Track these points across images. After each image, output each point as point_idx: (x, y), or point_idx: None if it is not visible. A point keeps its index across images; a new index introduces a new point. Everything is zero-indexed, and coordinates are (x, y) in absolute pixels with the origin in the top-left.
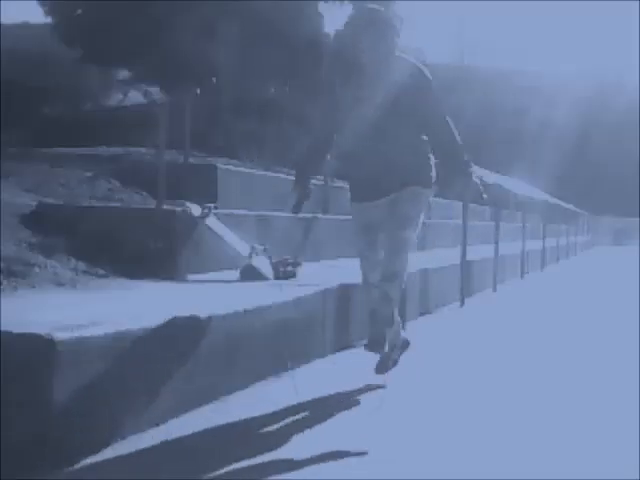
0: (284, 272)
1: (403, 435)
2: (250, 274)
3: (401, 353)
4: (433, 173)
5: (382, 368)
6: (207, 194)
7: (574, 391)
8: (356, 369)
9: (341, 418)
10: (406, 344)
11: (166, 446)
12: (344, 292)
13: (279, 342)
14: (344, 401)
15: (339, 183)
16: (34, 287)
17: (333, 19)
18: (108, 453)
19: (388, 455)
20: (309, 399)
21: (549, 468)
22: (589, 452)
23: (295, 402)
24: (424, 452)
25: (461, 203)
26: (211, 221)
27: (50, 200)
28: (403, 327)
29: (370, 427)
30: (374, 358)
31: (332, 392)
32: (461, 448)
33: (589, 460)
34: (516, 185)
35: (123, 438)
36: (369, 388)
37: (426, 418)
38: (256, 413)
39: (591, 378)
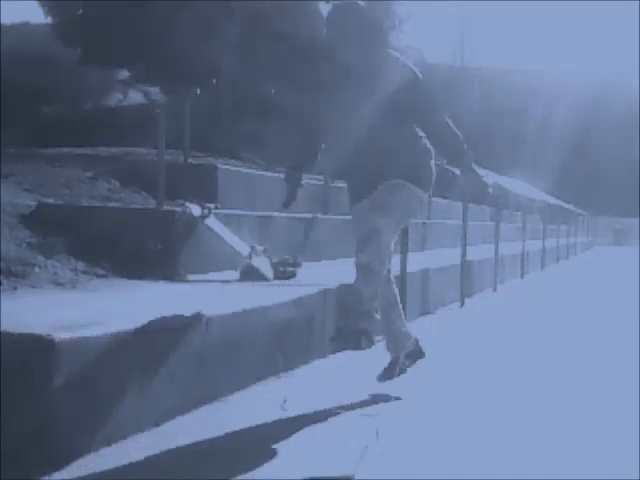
0: (284, 272)
1: (404, 435)
2: (250, 274)
3: (411, 363)
4: (425, 172)
5: (388, 374)
6: (207, 194)
7: (574, 391)
8: (356, 369)
9: (341, 418)
10: (419, 353)
11: (166, 446)
12: (344, 292)
13: (279, 342)
14: (344, 401)
15: (339, 183)
16: (34, 287)
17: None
18: (108, 453)
19: (388, 455)
20: (309, 399)
21: (549, 468)
22: (589, 452)
23: (295, 402)
24: (424, 451)
25: (461, 203)
26: (211, 221)
27: (50, 200)
28: (404, 334)
29: (370, 427)
30: (374, 358)
31: (332, 392)
32: (462, 447)
33: (589, 460)
34: (516, 185)
35: (123, 438)
36: (369, 388)
37: (426, 418)
38: (256, 413)
39: (591, 378)
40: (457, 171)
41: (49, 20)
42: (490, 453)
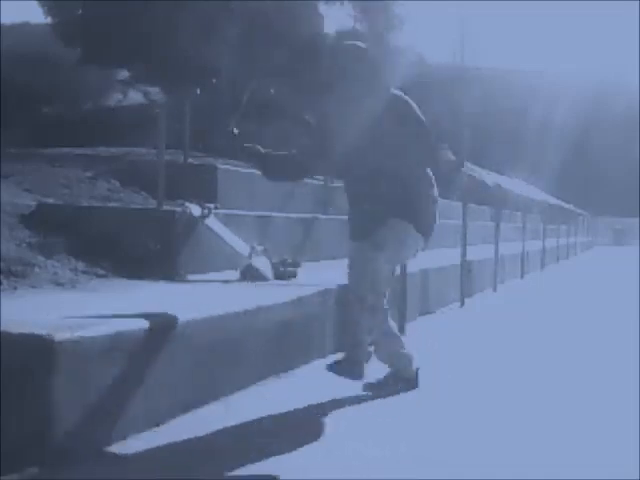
0: (284, 272)
1: (403, 435)
2: (250, 274)
3: (401, 389)
4: (428, 219)
5: (374, 388)
6: (207, 194)
7: (574, 391)
8: None
9: (341, 418)
10: (412, 382)
11: (166, 446)
12: (344, 292)
13: (279, 342)
14: (344, 401)
15: (339, 183)
16: (34, 287)
17: (333, 19)
18: (108, 453)
19: (388, 455)
20: (309, 399)
21: (549, 468)
22: (589, 452)
23: (295, 402)
24: (424, 451)
25: (461, 203)
26: (211, 221)
27: (50, 200)
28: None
29: (370, 427)
30: (373, 359)
31: (332, 392)
32: (462, 447)
33: (589, 460)
34: (516, 185)
35: (123, 438)
36: (369, 388)
37: (426, 418)
38: (256, 413)
39: (591, 378)
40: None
41: (49, 20)
42: (490, 453)
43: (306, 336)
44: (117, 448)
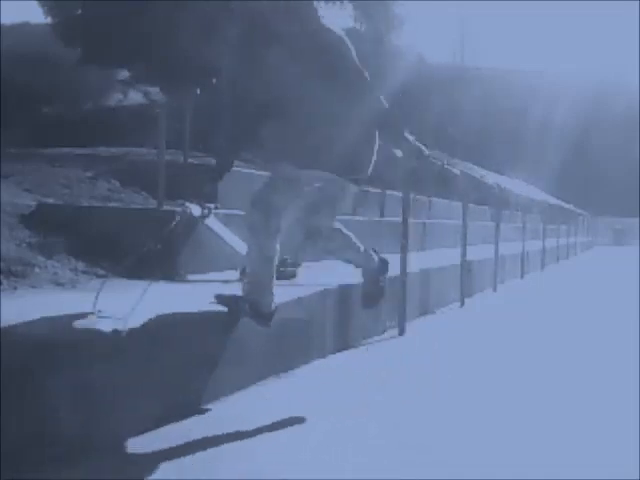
0: (284, 272)
1: (404, 436)
2: None
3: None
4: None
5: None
6: (207, 194)
7: (574, 391)
8: (356, 369)
9: (341, 418)
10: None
11: (166, 447)
12: (344, 292)
13: (279, 342)
14: (344, 401)
15: None
16: (34, 287)
17: (333, 19)
18: (108, 453)
19: (388, 456)
20: (309, 399)
21: (549, 468)
22: (589, 452)
23: (295, 402)
24: (424, 451)
25: (461, 203)
26: (211, 221)
27: (50, 200)
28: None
29: (370, 427)
30: (374, 358)
31: (332, 392)
32: (462, 448)
33: (589, 460)
34: (516, 185)
35: (124, 438)
36: (369, 388)
37: (426, 418)
38: (256, 413)
39: (591, 378)
40: (457, 171)
41: (49, 20)
42: (490, 453)
43: (306, 336)
44: (117, 448)
